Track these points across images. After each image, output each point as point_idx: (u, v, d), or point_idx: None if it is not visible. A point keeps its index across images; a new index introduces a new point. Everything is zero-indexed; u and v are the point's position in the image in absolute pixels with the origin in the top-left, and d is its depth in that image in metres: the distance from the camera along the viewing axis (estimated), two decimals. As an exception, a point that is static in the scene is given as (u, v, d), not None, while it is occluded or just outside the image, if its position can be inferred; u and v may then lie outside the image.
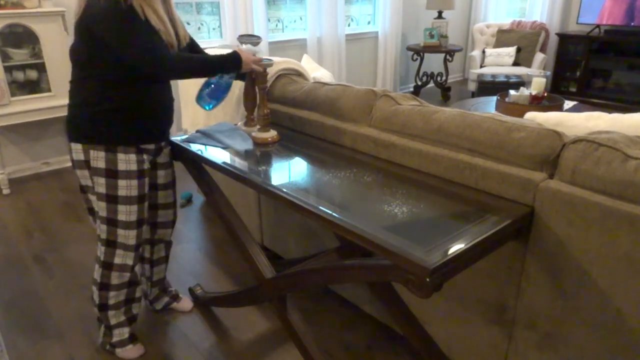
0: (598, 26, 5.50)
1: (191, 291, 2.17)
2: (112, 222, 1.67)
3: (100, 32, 1.49)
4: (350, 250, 1.67)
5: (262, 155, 1.76)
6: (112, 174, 1.62)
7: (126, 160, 1.63)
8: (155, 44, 1.51)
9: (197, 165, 1.85)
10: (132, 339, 1.86)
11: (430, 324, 1.70)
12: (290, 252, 2.30)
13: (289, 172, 1.57)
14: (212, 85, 1.84)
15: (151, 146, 1.71)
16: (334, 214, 1.25)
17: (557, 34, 5.76)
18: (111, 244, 1.70)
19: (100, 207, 1.66)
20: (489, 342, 1.53)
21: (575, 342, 1.30)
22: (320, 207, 1.28)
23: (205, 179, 1.85)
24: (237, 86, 2.29)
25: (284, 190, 1.40)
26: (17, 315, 2.07)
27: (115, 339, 1.83)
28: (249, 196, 2.44)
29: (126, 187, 1.64)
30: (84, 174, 1.66)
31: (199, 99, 1.86)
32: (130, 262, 1.74)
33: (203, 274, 2.37)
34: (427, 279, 1.00)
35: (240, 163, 1.66)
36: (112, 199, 1.64)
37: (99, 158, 1.61)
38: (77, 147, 1.62)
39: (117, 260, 1.72)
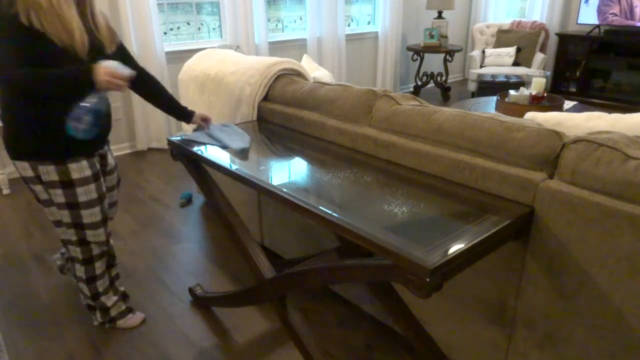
0: (598, 26, 5.50)
1: (191, 291, 2.17)
2: (79, 226, 1.71)
3: None
4: (350, 250, 1.67)
5: (262, 155, 1.76)
6: (68, 184, 1.62)
7: (79, 169, 1.62)
8: (6, 60, 1.38)
9: (197, 165, 1.85)
10: (130, 309, 1.98)
11: (430, 324, 1.70)
12: (290, 252, 2.30)
13: (289, 172, 1.57)
14: (81, 110, 1.51)
15: (99, 151, 1.74)
16: (334, 214, 1.25)
17: (557, 34, 5.76)
18: (84, 242, 1.77)
19: (64, 215, 1.68)
20: (489, 342, 1.53)
21: (575, 342, 1.30)
22: (320, 207, 1.28)
23: (205, 179, 1.85)
24: (238, 86, 2.29)
25: (284, 190, 1.40)
26: (17, 315, 2.07)
27: (113, 314, 1.95)
28: (249, 196, 2.44)
29: (85, 193, 1.66)
30: (37, 189, 1.66)
31: (68, 128, 1.54)
32: (103, 252, 1.84)
33: (203, 274, 2.37)
34: (427, 279, 1.00)
35: (240, 163, 1.66)
36: (73, 206, 1.66)
37: (49, 172, 1.59)
38: (23, 165, 1.60)
39: (96, 251, 1.81)
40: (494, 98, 3.78)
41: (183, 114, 1.91)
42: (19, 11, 1.40)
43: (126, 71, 1.49)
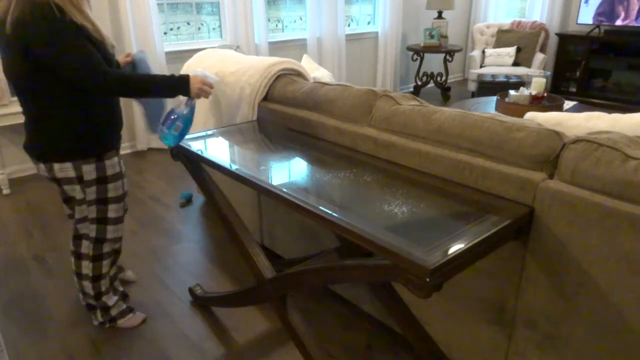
0: (598, 26, 5.50)
1: (191, 291, 2.17)
2: (102, 221, 1.79)
3: (38, 50, 1.44)
4: (350, 250, 1.67)
5: (262, 155, 1.76)
6: (102, 180, 1.71)
7: (112, 165, 1.72)
8: (92, 66, 1.47)
9: (197, 165, 1.85)
10: (131, 309, 2.01)
11: (430, 324, 1.70)
12: (290, 252, 2.30)
13: (289, 172, 1.57)
14: (174, 117, 1.65)
15: (120, 146, 1.81)
16: (334, 214, 1.25)
17: (557, 34, 5.76)
18: (100, 240, 1.82)
19: (91, 211, 1.75)
20: (489, 342, 1.53)
21: (575, 342, 1.30)
22: (320, 207, 1.28)
23: (205, 179, 1.85)
24: (238, 86, 2.29)
25: (284, 190, 1.40)
26: (17, 315, 2.07)
27: (114, 313, 1.96)
28: (249, 196, 2.44)
29: (114, 189, 1.75)
30: (76, 189, 1.70)
31: (162, 137, 1.68)
32: (113, 250, 1.89)
33: (203, 274, 2.37)
34: (427, 279, 1.00)
35: (240, 163, 1.66)
36: (103, 202, 1.74)
37: (90, 171, 1.66)
38: (65, 166, 1.64)
39: (106, 249, 1.85)
40: (494, 98, 3.78)
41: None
42: (67, 12, 1.44)
43: (214, 78, 1.59)
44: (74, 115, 1.60)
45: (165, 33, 4.14)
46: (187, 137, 1.90)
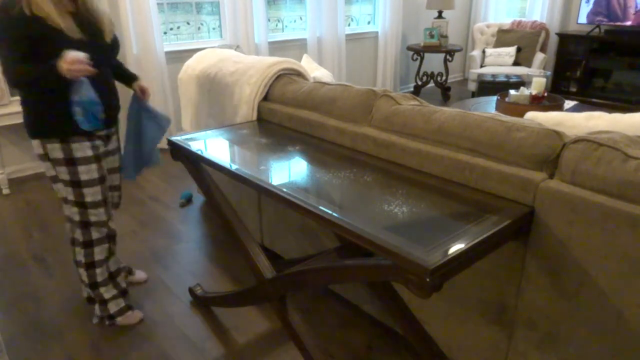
0: (598, 26, 5.50)
1: (191, 291, 2.17)
2: (81, 205, 1.81)
3: None
4: (350, 250, 1.67)
5: (262, 155, 1.76)
6: (70, 162, 1.75)
7: (81, 148, 1.75)
8: (8, 62, 1.58)
9: (197, 165, 1.85)
10: (130, 307, 2.02)
11: (430, 324, 1.70)
12: (290, 252, 2.30)
13: (289, 172, 1.57)
14: (72, 105, 1.64)
15: (102, 132, 1.82)
16: (334, 214, 1.25)
17: (557, 34, 5.76)
18: (85, 224, 1.84)
19: (68, 192, 1.79)
20: (489, 342, 1.53)
21: (575, 342, 1.30)
22: (320, 207, 1.28)
23: (205, 179, 1.85)
24: (238, 86, 2.29)
25: (284, 190, 1.40)
26: (17, 315, 2.07)
27: (112, 310, 1.97)
28: (249, 196, 2.44)
29: (86, 172, 1.77)
30: (47, 166, 1.79)
31: (80, 122, 1.70)
32: (103, 238, 1.89)
33: (203, 274, 2.37)
34: (427, 279, 1.00)
35: (240, 163, 1.66)
36: (76, 184, 1.77)
37: (55, 149, 1.73)
38: (35, 143, 1.75)
39: (95, 235, 1.87)
40: (494, 98, 3.78)
41: (128, 77, 2.00)
42: (23, 3, 1.54)
43: (80, 54, 1.56)
44: (39, 97, 1.69)
45: (165, 33, 4.14)
46: (187, 137, 1.90)
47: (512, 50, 5.51)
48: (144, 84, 2.01)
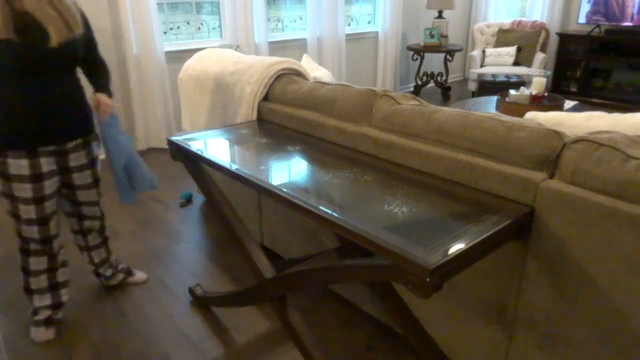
0: (598, 26, 5.50)
1: (191, 291, 2.17)
2: (15, 217, 1.77)
3: None
4: (350, 250, 1.67)
5: (262, 155, 1.76)
6: (5, 176, 1.69)
7: (16, 165, 1.67)
8: None
9: (197, 165, 1.85)
10: (48, 322, 1.93)
11: (430, 324, 1.70)
12: (290, 252, 2.30)
13: (289, 172, 1.57)
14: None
15: (49, 148, 1.71)
16: (334, 213, 1.25)
17: (558, 34, 5.76)
18: (19, 234, 1.81)
19: (6, 202, 1.75)
20: (489, 342, 1.52)
21: (575, 342, 1.30)
22: (320, 207, 1.28)
23: (205, 179, 1.85)
24: (238, 86, 2.29)
25: (284, 190, 1.40)
26: (17, 315, 2.07)
27: (35, 318, 1.92)
28: (249, 196, 2.44)
29: (21, 189, 1.70)
30: None
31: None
32: (42, 251, 1.84)
33: (203, 274, 2.37)
34: (428, 279, 1.00)
35: (240, 163, 1.66)
36: (10, 198, 1.73)
37: None
38: None
39: (32, 247, 1.83)
40: (494, 98, 3.78)
41: (95, 87, 1.87)
42: None
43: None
44: None
45: (165, 33, 4.14)
46: (186, 137, 1.90)
47: (512, 50, 5.51)
48: (105, 99, 1.81)
